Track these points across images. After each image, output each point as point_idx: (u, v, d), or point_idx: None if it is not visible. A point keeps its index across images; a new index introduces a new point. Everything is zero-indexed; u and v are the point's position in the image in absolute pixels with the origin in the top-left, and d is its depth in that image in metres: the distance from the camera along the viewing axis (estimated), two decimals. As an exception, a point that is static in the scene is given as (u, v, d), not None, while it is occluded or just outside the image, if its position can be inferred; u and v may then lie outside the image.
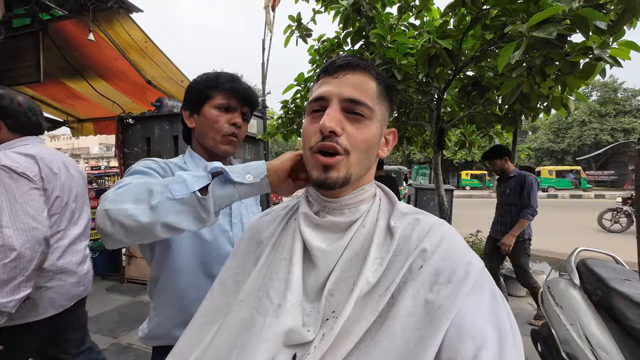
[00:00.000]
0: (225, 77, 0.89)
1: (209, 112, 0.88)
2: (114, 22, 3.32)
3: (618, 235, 7.01)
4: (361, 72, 0.53)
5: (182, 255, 0.84)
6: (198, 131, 0.91)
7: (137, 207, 0.56)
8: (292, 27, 2.48)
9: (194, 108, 0.90)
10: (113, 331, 2.67)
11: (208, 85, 0.89)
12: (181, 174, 0.59)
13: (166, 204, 0.56)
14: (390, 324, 0.44)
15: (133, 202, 0.57)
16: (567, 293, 1.37)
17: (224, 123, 0.88)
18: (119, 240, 0.59)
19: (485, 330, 0.41)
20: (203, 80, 0.90)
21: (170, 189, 0.57)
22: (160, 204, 0.56)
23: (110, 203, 0.57)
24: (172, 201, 0.56)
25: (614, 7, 1.29)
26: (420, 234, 0.51)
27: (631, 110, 20.20)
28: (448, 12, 1.80)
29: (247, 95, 0.90)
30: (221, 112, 0.88)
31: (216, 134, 0.88)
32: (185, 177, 0.59)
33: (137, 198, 0.57)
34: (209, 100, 0.88)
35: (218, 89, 0.88)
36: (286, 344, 0.47)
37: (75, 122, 5.40)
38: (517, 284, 3.42)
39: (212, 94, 0.88)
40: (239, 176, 0.61)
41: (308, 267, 0.54)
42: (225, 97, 0.88)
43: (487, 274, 0.47)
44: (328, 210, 0.56)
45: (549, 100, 2.07)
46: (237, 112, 0.90)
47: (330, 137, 0.51)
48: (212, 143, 0.89)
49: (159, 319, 0.89)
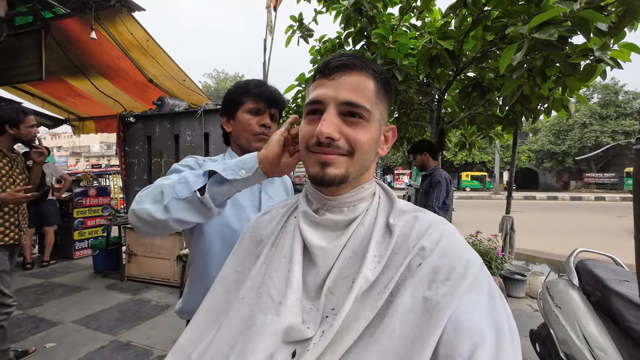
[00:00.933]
0: (253, 84, 1.00)
1: (242, 116, 0.99)
2: (116, 21, 3.33)
3: (617, 236, 7.01)
4: (358, 72, 0.52)
5: (213, 242, 0.94)
6: (234, 134, 1.02)
7: (154, 207, 0.67)
8: (293, 27, 2.49)
9: (229, 114, 1.02)
10: (113, 329, 2.68)
11: (239, 92, 1.00)
12: (185, 175, 0.68)
13: (174, 203, 0.67)
14: (389, 321, 0.44)
15: (151, 203, 0.68)
16: (566, 294, 1.37)
17: (254, 125, 0.98)
18: (147, 232, 0.72)
19: (482, 328, 0.41)
20: (235, 89, 1.01)
21: (176, 189, 0.67)
22: (170, 203, 0.66)
23: (136, 204, 0.69)
24: (178, 200, 0.66)
25: (615, 9, 1.29)
26: (419, 232, 0.51)
27: (632, 113, 20.17)
28: (449, 13, 1.81)
29: (272, 98, 1.00)
30: (252, 115, 0.98)
31: (249, 134, 0.98)
32: (188, 177, 0.68)
33: (154, 199, 0.68)
34: (241, 106, 0.99)
35: (248, 95, 0.98)
36: (286, 341, 0.47)
37: (76, 120, 5.41)
38: (516, 285, 3.42)
39: (244, 100, 0.99)
40: (233, 173, 0.67)
41: (308, 265, 0.54)
42: (254, 102, 0.98)
43: (486, 272, 0.47)
44: (327, 208, 0.57)
45: (550, 102, 2.08)
46: (265, 114, 1.00)
47: (328, 144, 0.50)
48: (246, 142, 0.99)
49: (190, 296, 0.98)
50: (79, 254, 4.89)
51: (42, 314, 2.97)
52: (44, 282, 3.86)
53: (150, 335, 2.57)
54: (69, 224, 4.79)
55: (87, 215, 4.98)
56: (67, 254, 4.84)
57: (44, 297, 3.39)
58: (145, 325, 2.77)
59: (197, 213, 0.68)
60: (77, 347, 2.39)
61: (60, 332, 2.65)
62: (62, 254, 4.83)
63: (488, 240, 3.53)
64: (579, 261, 1.52)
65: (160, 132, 4.06)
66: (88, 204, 4.99)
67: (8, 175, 2.03)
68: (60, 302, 3.26)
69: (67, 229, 4.80)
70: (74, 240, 4.83)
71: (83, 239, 4.95)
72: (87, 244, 4.95)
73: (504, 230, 3.67)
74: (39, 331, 2.65)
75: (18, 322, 2.81)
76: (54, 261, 4.60)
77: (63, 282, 3.88)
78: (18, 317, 2.92)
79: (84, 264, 4.57)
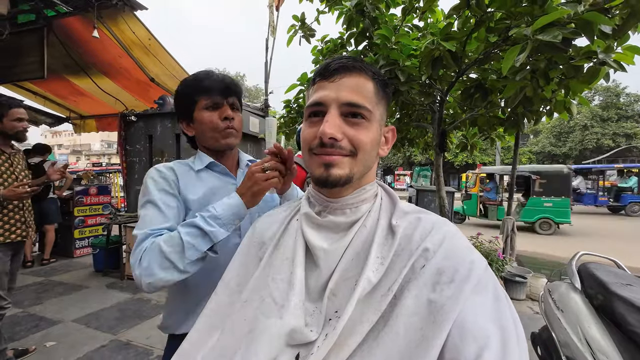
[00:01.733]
0: (201, 77, 0.92)
1: (200, 116, 0.91)
2: (118, 20, 3.33)
3: (620, 240, 7.00)
4: (357, 74, 0.53)
5: None
6: (199, 136, 0.95)
7: (169, 274, 0.73)
8: (295, 27, 2.49)
9: (187, 117, 0.95)
10: (113, 328, 2.68)
11: (189, 92, 0.92)
12: (188, 240, 0.74)
13: (189, 266, 0.75)
14: (394, 324, 0.44)
15: (164, 270, 0.73)
16: (568, 297, 1.37)
17: (217, 121, 0.91)
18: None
19: (488, 330, 0.40)
20: (183, 89, 0.94)
21: (187, 256, 0.73)
22: (187, 267, 0.74)
23: (147, 276, 0.73)
24: (192, 263, 0.75)
25: (620, 11, 1.28)
26: (422, 233, 0.50)
27: (633, 115, 20.15)
28: (452, 14, 1.80)
29: (225, 87, 0.92)
30: (210, 111, 0.91)
31: (214, 132, 0.92)
32: (191, 241, 0.74)
33: (163, 266, 0.73)
34: (196, 105, 0.91)
35: (198, 91, 0.91)
36: (289, 344, 0.47)
37: (77, 118, 5.41)
38: (517, 287, 3.42)
39: (196, 98, 0.91)
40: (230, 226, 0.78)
41: (310, 267, 0.54)
42: (207, 97, 0.91)
43: (490, 273, 0.47)
44: (329, 210, 0.57)
45: (552, 104, 2.07)
46: (224, 105, 0.93)
47: (331, 144, 0.51)
48: (214, 142, 0.93)
49: (169, 309, 0.95)
50: (80, 253, 4.90)
51: (42, 313, 2.97)
52: (44, 281, 3.86)
53: (150, 335, 2.57)
54: (69, 222, 4.79)
55: (88, 213, 4.98)
56: (67, 252, 4.84)
57: (44, 295, 3.39)
58: (145, 324, 2.77)
59: (203, 261, 0.78)
60: (77, 346, 2.39)
61: (61, 330, 2.65)
62: (62, 252, 4.83)
63: (489, 242, 3.53)
64: (581, 264, 1.51)
65: (162, 131, 4.06)
66: (89, 203, 4.99)
67: (9, 171, 2.02)
68: (60, 301, 3.26)
69: (68, 227, 4.81)
70: (74, 239, 4.84)
71: (83, 238, 4.96)
72: (87, 243, 4.95)
73: (504, 232, 3.67)
74: (39, 330, 2.65)
75: (18, 321, 2.81)
76: (54, 259, 4.61)
77: (63, 280, 3.89)
78: (18, 315, 2.92)
79: (84, 263, 4.58)
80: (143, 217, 0.83)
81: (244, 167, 1.01)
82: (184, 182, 0.91)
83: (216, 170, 0.96)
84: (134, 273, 0.75)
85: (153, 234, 0.79)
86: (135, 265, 0.75)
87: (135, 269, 0.75)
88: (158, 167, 0.92)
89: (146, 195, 0.87)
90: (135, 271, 0.74)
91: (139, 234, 0.80)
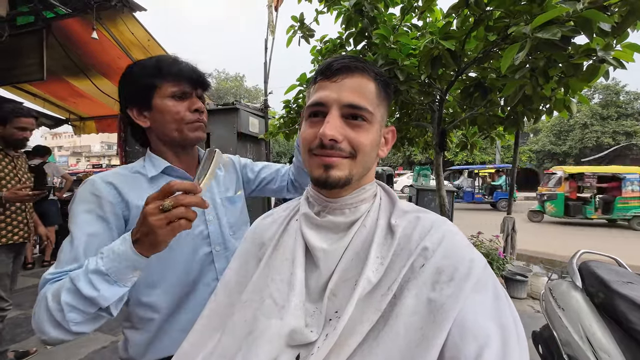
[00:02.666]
0: (167, 62, 0.79)
1: (163, 104, 0.78)
2: (117, 21, 3.33)
3: (620, 238, 6.99)
4: (359, 74, 0.52)
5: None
6: (157, 128, 0.81)
7: (60, 333, 0.60)
8: (294, 27, 2.49)
9: (142, 104, 0.80)
10: (113, 329, 2.68)
11: (151, 74, 0.78)
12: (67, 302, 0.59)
13: (79, 327, 0.60)
14: (394, 324, 0.44)
15: (53, 328, 0.60)
16: (569, 295, 1.37)
17: (184, 112, 0.79)
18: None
19: (488, 329, 0.41)
20: (141, 70, 0.79)
21: (69, 318, 0.59)
22: (76, 327, 0.60)
23: (40, 333, 0.61)
24: (79, 324, 0.60)
25: (619, 9, 1.28)
26: (422, 232, 0.51)
27: (633, 114, 20.11)
28: (451, 13, 1.80)
29: (197, 77, 0.82)
30: (177, 100, 0.79)
31: (179, 124, 0.80)
32: (74, 304, 0.59)
33: (52, 323, 0.60)
34: (157, 91, 0.78)
35: (163, 76, 0.78)
36: (289, 345, 0.47)
37: (77, 120, 5.42)
38: (518, 286, 3.42)
39: (159, 83, 0.78)
40: (130, 277, 0.61)
41: (310, 267, 0.54)
42: (175, 84, 0.78)
43: (490, 272, 0.47)
44: (329, 210, 0.56)
45: (552, 102, 2.07)
46: (194, 97, 0.82)
47: (331, 146, 0.50)
48: (179, 135, 0.81)
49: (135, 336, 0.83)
50: (80, 254, 4.89)
51: (43, 314, 2.97)
52: (44, 282, 3.86)
53: (151, 336, 2.57)
54: (69, 224, 4.79)
55: (88, 215, 4.98)
56: (67, 254, 4.84)
57: (44, 297, 3.39)
58: (145, 325, 2.76)
59: (103, 320, 0.63)
60: (77, 348, 2.39)
61: (61, 332, 2.65)
62: (63, 254, 4.83)
63: (489, 241, 3.53)
64: (582, 262, 1.51)
65: (161, 132, 4.06)
66: (89, 204, 4.98)
67: (13, 174, 2.02)
68: (61, 302, 3.26)
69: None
70: (74, 240, 4.83)
71: (84, 239, 4.95)
72: (87, 244, 4.95)
73: (505, 231, 3.67)
74: (40, 331, 2.65)
75: (19, 323, 2.81)
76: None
77: (64, 282, 3.89)
78: (19, 317, 2.92)
79: (84, 264, 4.58)
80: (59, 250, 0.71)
81: None
82: (132, 195, 0.76)
83: (174, 176, 0.84)
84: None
85: (52, 279, 0.66)
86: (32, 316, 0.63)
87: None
88: (93, 180, 0.76)
89: (69, 222, 0.73)
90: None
91: (43, 275, 0.67)
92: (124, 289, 0.61)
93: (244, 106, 4.17)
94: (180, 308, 0.81)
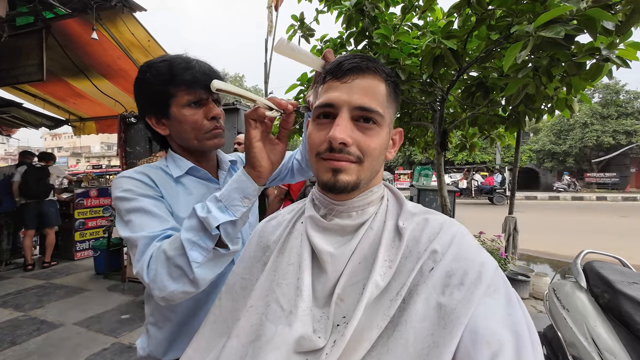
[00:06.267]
0: (180, 67, 0.76)
1: (181, 113, 0.77)
2: (117, 21, 3.32)
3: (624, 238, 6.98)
4: (371, 75, 0.50)
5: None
6: (176, 136, 0.81)
7: (179, 284, 0.61)
8: (294, 27, 2.48)
9: (159, 112, 0.79)
10: (114, 331, 2.67)
11: (164, 81, 0.76)
12: (188, 238, 0.60)
13: (200, 271, 0.61)
14: (403, 330, 0.42)
15: (174, 281, 0.61)
16: (573, 296, 1.36)
17: (202, 121, 0.78)
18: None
19: (501, 335, 0.39)
20: (156, 78, 0.76)
21: (192, 257, 0.60)
22: (197, 274, 0.61)
23: (158, 290, 0.61)
24: (200, 267, 0.61)
25: (623, 7, 1.27)
26: (430, 235, 0.49)
27: (633, 113, 20.07)
28: (453, 12, 1.79)
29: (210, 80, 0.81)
30: (194, 108, 0.77)
31: (198, 133, 0.79)
32: (192, 238, 0.60)
33: (172, 276, 0.61)
34: (174, 100, 0.76)
35: (177, 83, 0.76)
36: (297, 351, 0.46)
37: (77, 120, 5.41)
38: (520, 286, 3.40)
39: (174, 91, 0.76)
40: (238, 208, 0.62)
41: (317, 271, 0.52)
42: (190, 92, 0.76)
43: (501, 275, 0.46)
44: (335, 213, 0.55)
45: (553, 102, 2.06)
46: (210, 103, 0.79)
47: (340, 150, 0.48)
48: (197, 143, 0.81)
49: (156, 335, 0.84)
50: (80, 255, 4.89)
51: (44, 316, 2.96)
52: (45, 284, 3.85)
53: (152, 337, 2.56)
54: (69, 225, 4.79)
55: (88, 216, 4.97)
56: (68, 255, 4.83)
57: (45, 298, 3.38)
58: (146, 326, 2.76)
59: (222, 264, 0.65)
60: (78, 350, 2.38)
61: (62, 334, 2.64)
62: (63, 255, 4.82)
63: (491, 240, 3.52)
64: (586, 263, 1.50)
65: (162, 132, 4.05)
66: (89, 205, 4.98)
67: None
68: (61, 304, 3.25)
69: (68, 230, 4.80)
70: (75, 241, 4.83)
71: (84, 240, 4.95)
72: (88, 245, 4.94)
73: (507, 230, 3.66)
74: (40, 333, 2.64)
75: (19, 324, 2.81)
76: (55, 262, 4.60)
77: (64, 283, 3.88)
78: (19, 318, 2.91)
79: (85, 265, 4.57)
80: (136, 224, 0.69)
81: (226, 169, 0.91)
82: (165, 192, 0.77)
83: (197, 176, 0.84)
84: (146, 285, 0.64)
85: (158, 236, 0.66)
86: (143, 275, 0.63)
87: (144, 280, 0.63)
88: (127, 174, 0.76)
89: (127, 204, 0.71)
90: (145, 282, 0.63)
91: (137, 237, 0.66)
92: (233, 218, 0.61)
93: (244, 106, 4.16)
94: (197, 312, 0.81)
